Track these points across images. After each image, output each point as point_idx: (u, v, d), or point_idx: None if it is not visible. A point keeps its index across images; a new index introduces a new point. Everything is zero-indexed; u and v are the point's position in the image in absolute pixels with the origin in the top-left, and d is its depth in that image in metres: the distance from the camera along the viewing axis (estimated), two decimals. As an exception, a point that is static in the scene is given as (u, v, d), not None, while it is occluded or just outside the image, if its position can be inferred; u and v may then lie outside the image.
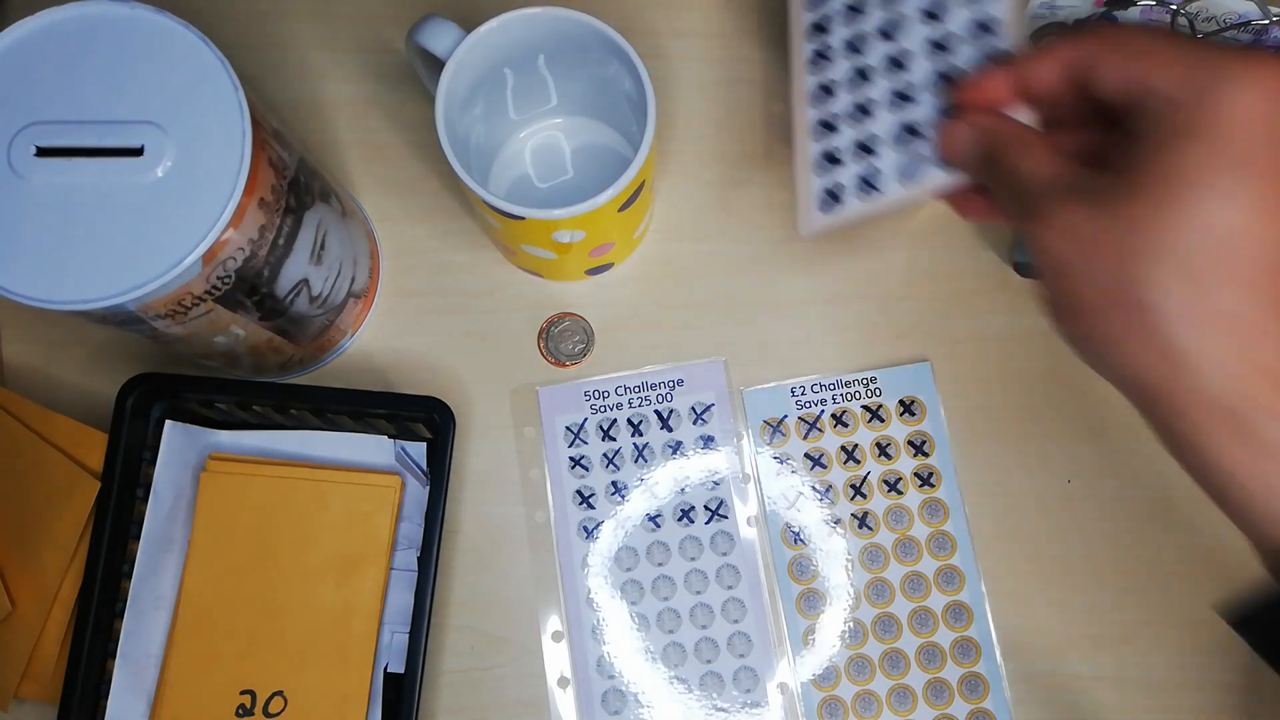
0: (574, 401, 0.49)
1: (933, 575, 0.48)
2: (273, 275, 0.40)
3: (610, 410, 0.49)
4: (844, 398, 0.49)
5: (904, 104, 0.38)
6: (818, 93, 0.41)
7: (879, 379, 0.49)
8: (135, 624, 0.44)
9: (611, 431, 0.49)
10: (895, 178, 0.38)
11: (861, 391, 0.49)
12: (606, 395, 0.49)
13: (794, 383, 0.49)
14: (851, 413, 0.49)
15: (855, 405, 0.49)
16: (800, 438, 0.49)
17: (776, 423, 0.49)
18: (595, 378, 0.50)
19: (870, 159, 0.39)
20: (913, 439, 0.49)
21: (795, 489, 0.48)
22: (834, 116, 0.41)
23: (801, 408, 0.49)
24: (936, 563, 0.48)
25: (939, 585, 0.47)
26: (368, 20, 0.53)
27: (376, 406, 0.45)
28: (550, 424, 0.49)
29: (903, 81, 0.39)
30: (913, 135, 0.38)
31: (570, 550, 0.48)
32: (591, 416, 0.49)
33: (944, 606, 0.47)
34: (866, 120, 0.40)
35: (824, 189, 0.40)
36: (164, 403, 0.46)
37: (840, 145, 0.40)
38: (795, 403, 0.49)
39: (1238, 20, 0.44)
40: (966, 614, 0.47)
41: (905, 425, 0.49)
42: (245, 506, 0.45)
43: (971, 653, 0.47)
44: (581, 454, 0.49)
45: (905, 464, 0.49)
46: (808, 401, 0.49)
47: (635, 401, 0.49)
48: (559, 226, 0.42)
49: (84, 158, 0.34)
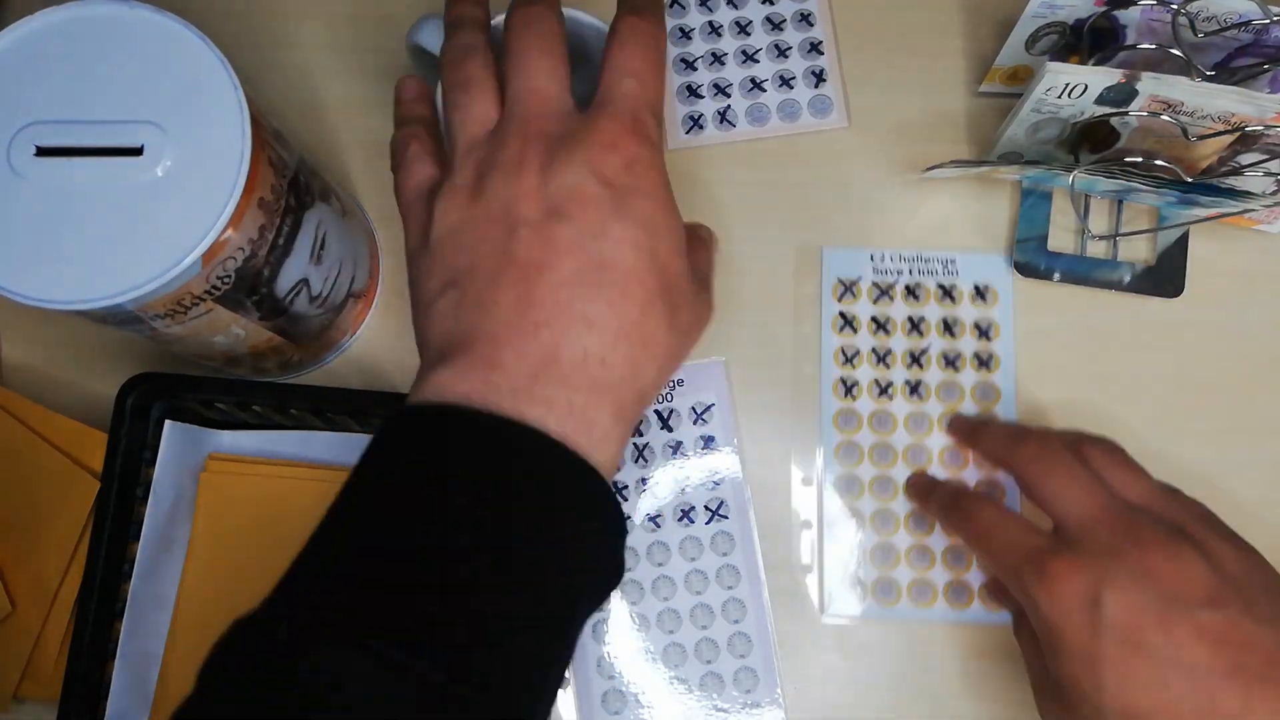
0: (574, 401, 0.49)
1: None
2: (273, 275, 0.40)
3: (610, 410, 0.49)
4: (921, 272, 0.50)
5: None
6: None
7: (958, 260, 0.50)
8: (135, 624, 0.44)
9: (611, 431, 0.49)
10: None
11: (939, 269, 0.50)
12: (606, 395, 0.49)
13: (874, 250, 0.51)
14: (925, 288, 0.50)
15: (930, 281, 0.50)
16: (871, 301, 0.50)
17: (850, 283, 0.50)
18: (595, 378, 0.50)
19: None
20: (979, 322, 0.50)
21: (855, 346, 0.50)
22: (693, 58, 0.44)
23: (878, 274, 0.50)
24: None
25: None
26: (368, 20, 0.53)
27: (377, 406, 0.45)
28: (550, 424, 0.49)
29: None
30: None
31: (570, 550, 0.48)
32: (591, 416, 0.49)
33: (976, 483, 0.49)
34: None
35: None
36: (164, 403, 0.45)
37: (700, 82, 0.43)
38: (872, 268, 0.50)
39: (1238, 20, 0.44)
40: (999, 493, 0.48)
41: (975, 309, 0.50)
42: (245, 507, 0.45)
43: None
44: (581, 454, 0.49)
45: (967, 344, 0.50)
46: (885, 269, 0.50)
47: (635, 401, 0.49)
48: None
49: (84, 158, 0.34)
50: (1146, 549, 0.37)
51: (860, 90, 0.53)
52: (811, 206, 0.51)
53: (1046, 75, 0.43)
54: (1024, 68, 0.50)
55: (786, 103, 0.52)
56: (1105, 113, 0.45)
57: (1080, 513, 0.39)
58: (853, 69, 0.53)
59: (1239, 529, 0.39)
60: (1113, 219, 0.51)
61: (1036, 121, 0.47)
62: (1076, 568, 0.37)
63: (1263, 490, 0.48)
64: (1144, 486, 0.41)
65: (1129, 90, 0.43)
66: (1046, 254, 0.50)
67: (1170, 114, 0.44)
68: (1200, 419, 0.49)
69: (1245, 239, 0.50)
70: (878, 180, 0.52)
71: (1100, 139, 0.48)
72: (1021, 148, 0.49)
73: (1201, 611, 0.35)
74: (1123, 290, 0.50)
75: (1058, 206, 0.51)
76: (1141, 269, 0.50)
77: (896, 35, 0.53)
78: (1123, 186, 0.48)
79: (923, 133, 0.52)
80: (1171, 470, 0.42)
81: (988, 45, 0.52)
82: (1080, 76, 0.43)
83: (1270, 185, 0.46)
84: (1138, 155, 0.46)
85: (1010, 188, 0.51)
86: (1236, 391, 0.49)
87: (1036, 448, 0.41)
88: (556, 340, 0.32)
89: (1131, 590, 0.36)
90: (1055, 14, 0.46)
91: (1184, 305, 0.50)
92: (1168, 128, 0.45)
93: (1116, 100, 0.44)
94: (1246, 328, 0.50)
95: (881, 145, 0.52)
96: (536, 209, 0.33)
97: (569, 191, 0.33)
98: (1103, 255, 0.50)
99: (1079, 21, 0.46)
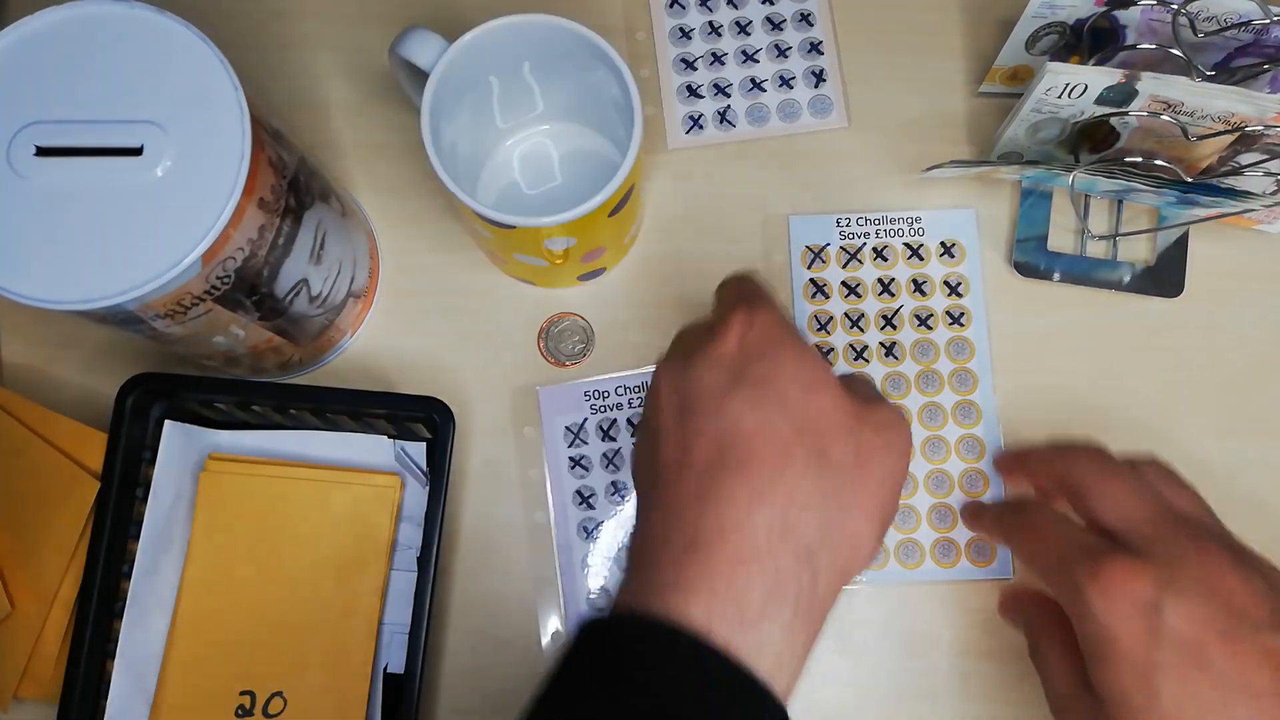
0: (574, 402, 0.49)
1: (951, 408, 0.49)
2: (272, 275, 0.40)
3: (610, 410, 0.49)
4: (887, 233, 0.50)
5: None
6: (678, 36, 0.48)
7: (923, 219, 0.51)
8: (135, 624, 0.44)
9: (611, 431, 0.49)
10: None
11: (905, 229, 0.50)
12: (606, 395, 0.49)
13: (840, 214, 0.51)
14: (892, 248, 0.50)
15: (897, 242, 0.50)
16: (840, 266, 0.50)
17: (818, 249, 0.50)
18: (595, 378, 0.50)
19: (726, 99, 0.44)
20: (949, 279, 0.50)
21: (828, 313, 0.50)
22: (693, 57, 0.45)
23: (844, 238, 0.50)
24: (956, 397, 0.49)
25: (956, 418, 0.49)
26: (368, 20, 0.53)
27: (376, 406, 0.45)
28: (550, 424, 0.49)
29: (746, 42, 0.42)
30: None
31: (570, 550, 0.48)
32: (591, 417, 0.49)
33: (958, 438, 0.49)
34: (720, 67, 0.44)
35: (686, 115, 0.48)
36: (163, 403, 0.45)
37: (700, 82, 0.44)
38: (839, 233, 0.51)
39: (1238, 20, 0.44)
40: (979, 447, 0.49)
41: (943, 266, 0.50)
42: (245, 506, 0.45)
43: (979, 484, 0.49)
44: (581, 454, 0.49)
45: (939, 302, 0.50)
46: (851, 233, 0.51)
47: (635, 402, 0.49)
48: (550, 234, 0.42)
49: (84, 157, 0.34)
50: (1209, 560, 0.35)
51: (860, 90, 0.53)
52: (811, 206, 0.51)
53: (1047, 75, 0.43)
54: (1024, 68, 0.50)
55: (786, 103, 0.52)
56: (1105, 113, 0.45)
57: (1139, 518, 0.37)
58: (853, 69, 0.53)
59: (1241, 527, 0.39)
60: (1113, 219, 0.51)
61: (1036, 121, 0.47)
62: (1137, 570, 0.35)
63: (1266, 489, 0.48)
64: (1198, 504, 0.40)
65: (1129, 90, 0.43)
66: (1046, 254, 0.50)
67: (1170, 114, 0.44)
68: (1199, 417, 0.49)
69: (1245, 239, 0.50)
70: (878, 180, 0.52)
71: (1100, 139, 0.48)
72: (1021, 148, 0.49)
73: (1265, 633, 0.34)
74: (1122, 290, 0.50)
75: (1057, 206, 0.51)
76: (1141, 269, 0.50)
77: (896, 35, 0.53)
78: (1123, 186, 0.48)
79: (923, 132, 0.52)
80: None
81: (987, 45, 0.52)
82: (1080, 76, 0.43)
83: (1270, 185, 0.46)
84: (1138, 155, 0.46)
85: (1010, 188, 0.51)
86: (1236, 390, 0.49)
87: (1092, 455, 0.41)
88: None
89: (1195, 600, 0.34)
90: (1055, 14, 0.46)
91: (1184, 305, 0.50)
92: (1168, 128, 0.45)
93: (1116, 100, 0.44)
94: (1246, 327, 0.50)
95: (881, 145, 0.52)
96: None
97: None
98: (1102, 255, 0.50)
99: (1079, 22, 0.46)
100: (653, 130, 0.52)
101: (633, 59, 0.53)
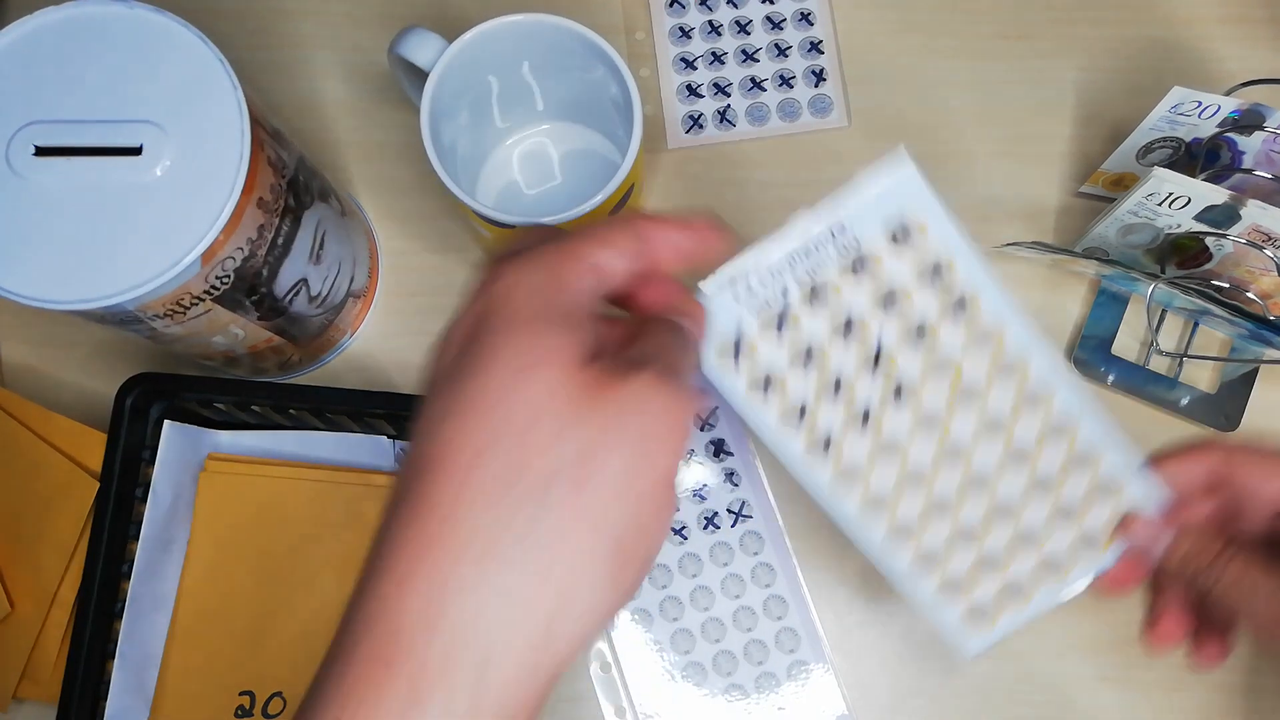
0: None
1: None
2: (271, 275, 0.40)
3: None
4: (807, 270, 0.33)
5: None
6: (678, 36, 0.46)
7: (843, 219, 0.34)
8: (135, 624, 0.44)
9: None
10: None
11: (828, 246, 0.34)
12: (606, 395, 0.49)
13: (735, 278, 0.33)
14: (825, 281, 0.33)
15: (828, 267, 0.33)
16: (773, 344, 0.34)
17: (734, 343, 0.33)
18: (595, 378, 0.49)
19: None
20: (923, 269, 0.34)
21: (795, 407, 0.34)
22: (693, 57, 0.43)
23: (754, 309, 0.33)
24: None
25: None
26: (368, 20, 0.53)
27: (376, 406, 0.45)
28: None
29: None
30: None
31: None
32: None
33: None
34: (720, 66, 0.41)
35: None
36: (163, 403, 0.45)
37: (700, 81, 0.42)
38: (746, 307, 0.33)
39: None
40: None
41: (903, 256, 0.34)
42: (245, 506, 0.45)
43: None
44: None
45: (925, 300, 0.34)
46: (760, 298, 0.33)
47: (635, 402, 0.48)
48: (553, 232, 0.42)
49: (83, 157, 0.34)
50: None
51: (860, 90, 0.53)
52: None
53: (1153, 179, 0.41)
54: (1130, 175, 0.48)
55: (786, 102, 0.52)
56: (1203, 230, 0.43)
57: None
58: (853, 69, 0.53)
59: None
60: (1184, 339, 0.49)
61: (1131, 223, 0.45)
62: None
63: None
64: None
65: (1232, 213, 0.42)
66: (1107, 356, 0.49)
67: (1272, 248, 0.42)
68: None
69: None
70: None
71: (1191, 256, 0.46)
72: (1109, 246, 0.48)
73: None
74: (1177, 412, 0.48)
75: (1131, 312, 0.49)
76: (1201, 395, 0.48)
77: (897, 34, 0.53)
78: (1200, 308, 0.46)
79: (923, 132, 0.52)
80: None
81: (1094, 150, 0.50)
82: (1187, 189, 0.41)
83: None
84: (1226, 281, 0.45)
85: (1080, 284, 0.50)
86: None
87: (1253, 444, 0.36)
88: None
89: None
90: (1174, 129, 0.44)
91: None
92: (1263, 260, 0.43)
93: (1217, 221, 0.42)
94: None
95: (882, 145, 0.52)
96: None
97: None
98: (1164, 372, 0.49)
99: (1195, 140, 0.45)
100: (652, 130, 0.52)
101: (632, 58, 0.53)
